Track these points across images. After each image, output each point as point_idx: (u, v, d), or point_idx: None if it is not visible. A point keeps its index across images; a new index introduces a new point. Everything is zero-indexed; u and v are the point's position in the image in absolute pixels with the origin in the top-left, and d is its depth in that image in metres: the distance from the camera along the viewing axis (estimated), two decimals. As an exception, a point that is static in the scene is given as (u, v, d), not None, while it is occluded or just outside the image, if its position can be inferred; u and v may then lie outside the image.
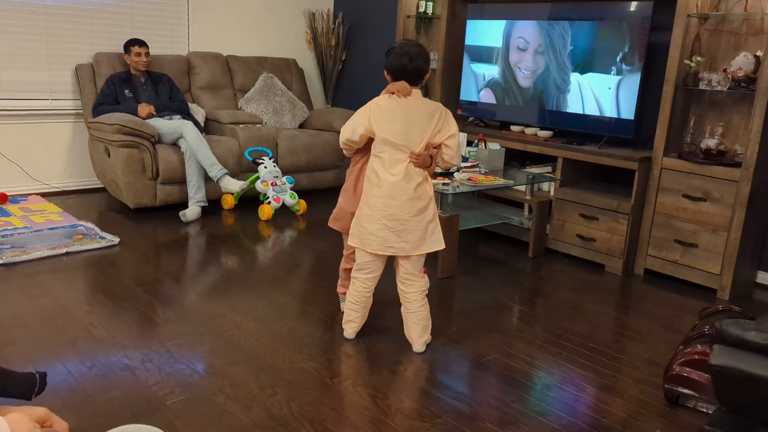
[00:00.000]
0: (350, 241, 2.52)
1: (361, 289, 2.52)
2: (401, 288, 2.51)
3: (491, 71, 4.34)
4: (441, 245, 2.47)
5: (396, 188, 2.37)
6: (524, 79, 4.16)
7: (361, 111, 2.45)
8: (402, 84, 2.40)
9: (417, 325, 2.51)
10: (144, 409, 2.02)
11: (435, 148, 2.45)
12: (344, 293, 2.73)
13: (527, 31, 4.10)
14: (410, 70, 2.38)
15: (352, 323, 2.59)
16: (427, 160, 2.42)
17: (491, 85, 4.36)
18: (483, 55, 4.37)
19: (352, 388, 2.23)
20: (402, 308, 2.54)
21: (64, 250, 3.39)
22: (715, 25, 3.48)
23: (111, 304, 2.81)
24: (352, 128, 2.45)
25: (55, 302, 2.79)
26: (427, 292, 2.52)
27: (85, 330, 2.55)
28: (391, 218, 2.38)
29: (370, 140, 2.45)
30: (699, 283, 3.41)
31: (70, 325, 2.58)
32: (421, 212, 2.40)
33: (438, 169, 2.64)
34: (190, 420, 1.98)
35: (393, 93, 2.39)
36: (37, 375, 1.84)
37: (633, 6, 3.60)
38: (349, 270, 2.66)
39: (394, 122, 2.37)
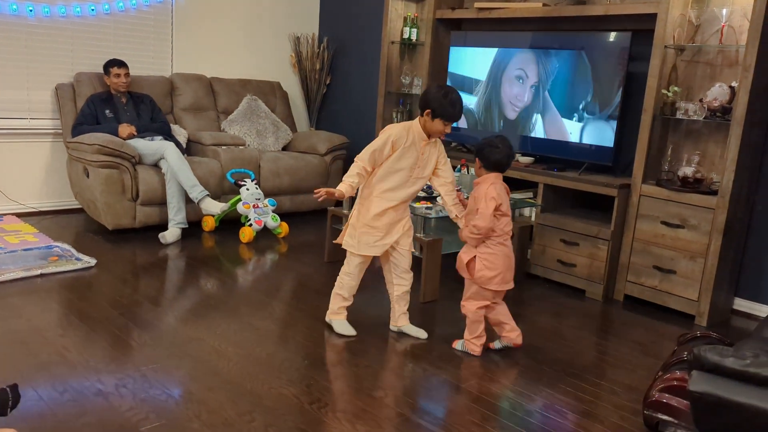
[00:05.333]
0: None
1: None
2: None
3: (473, 97, 4.39)
4: (339, 240, 2.88)
5: None
6: (506, 105, 4.22)
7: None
8: None
9: None
10: (117, 436, 1.97)
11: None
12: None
13: (509, 58, 4.16)
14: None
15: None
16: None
17: (473, 111, 4.40)
18: (465, 81, 4.42)
19: (332, 414, 2.20)
20: None
21: (39, 272, 3.33)
22: (691, 56, 3.56)
23: (85, 328, 2.75)
24: None
25: (28, 325, 2.73)
26: (341, 277, 2.86)
27: (58, 354, 2.49)
28: None
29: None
30: (677, 309, 3.43)
31: (43, 349, 2.52)
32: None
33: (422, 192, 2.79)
34: (165, 447, 1.93)
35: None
36: (7, 389, 1.79)
37: (612, 36, 3.68)
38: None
39: None
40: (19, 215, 4.46)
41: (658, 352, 2.95)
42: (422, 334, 2.90)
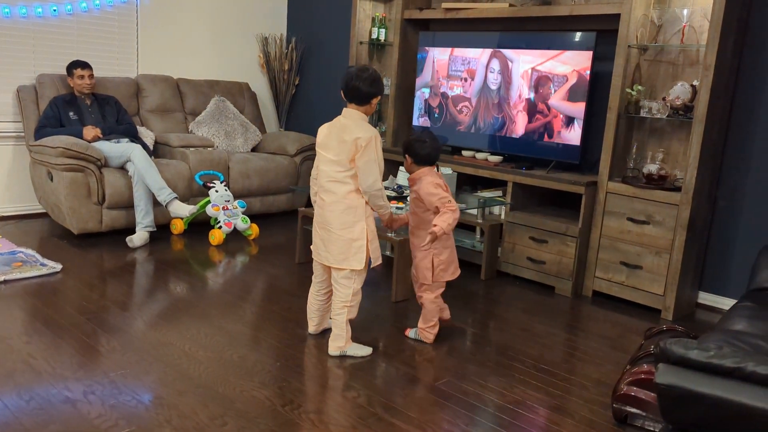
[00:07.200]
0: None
1: (311, 292, 2.80)
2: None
3: (442, 97, 4.42)
4: (359, 266, 2.55)
5: (325, 200, 2.56)
6: (474, 104, 4.25)
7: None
8: None
9: (333, 330, 2.68)
10: (85, 444, 1.93)
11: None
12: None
13: (476, 58, 4.19)
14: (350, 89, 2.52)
15: (310, 321, 2.84)
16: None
17: (441, 111, 4.43)
18: (433, 81, 4.44)
19: (305, 415, 2.20)
20: None
21: (2, 278, 3.24)
22: (654, 55, 3.64)
23: (52, 334, 2.69)
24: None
25: (-9, 333, 2.66)
26: (347, 304, 2.60)
27: (23, 361, 2.43)
28: (320, 227, 2.59)
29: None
30: (644, 303, 3.50)
31: (7, 357, 2.46)
32: (346, 227, 2.52)
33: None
34: (135, 454, 1.91)
35: None
36: None
37: (578, 36, 3.74)
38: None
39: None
40: (-20, 221, 4.34)
41: (626, 346, 3.01)
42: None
